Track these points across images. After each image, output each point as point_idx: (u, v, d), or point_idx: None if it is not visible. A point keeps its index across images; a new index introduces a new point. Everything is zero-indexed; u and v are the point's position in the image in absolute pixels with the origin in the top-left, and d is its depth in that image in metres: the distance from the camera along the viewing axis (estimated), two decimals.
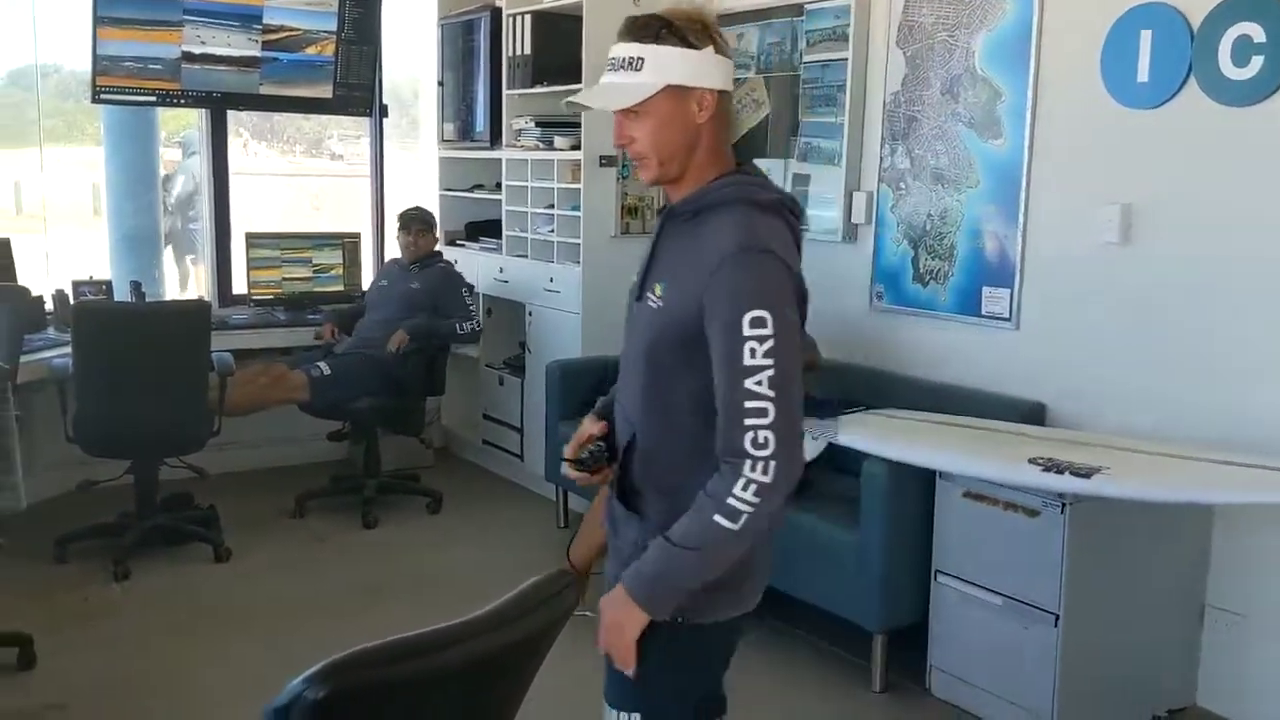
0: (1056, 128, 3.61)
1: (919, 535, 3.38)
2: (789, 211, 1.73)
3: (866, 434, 3.47)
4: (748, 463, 1.56)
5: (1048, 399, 3.69)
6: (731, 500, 1.57)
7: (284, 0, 5.05)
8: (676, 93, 1.65)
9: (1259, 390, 3.14)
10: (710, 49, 1.66)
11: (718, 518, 1.58)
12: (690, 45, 1.65)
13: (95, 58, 4.77)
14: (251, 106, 5.31)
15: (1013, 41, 3.70)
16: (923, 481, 3.36)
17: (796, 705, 3.39)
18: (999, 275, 3.82)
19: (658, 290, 1.70)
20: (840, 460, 3.67)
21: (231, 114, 5.42)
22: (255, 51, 5.05)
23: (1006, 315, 3.80)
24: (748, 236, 1.61)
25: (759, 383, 1.56)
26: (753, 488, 1.57)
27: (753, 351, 1.56)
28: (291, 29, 5.10)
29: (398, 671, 1.18)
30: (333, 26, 5.22)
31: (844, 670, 3.56)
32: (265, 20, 5.04)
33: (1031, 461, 3.04)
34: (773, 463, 1.56)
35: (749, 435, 1.56)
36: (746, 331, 1.56)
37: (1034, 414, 3.68)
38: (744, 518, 1.58)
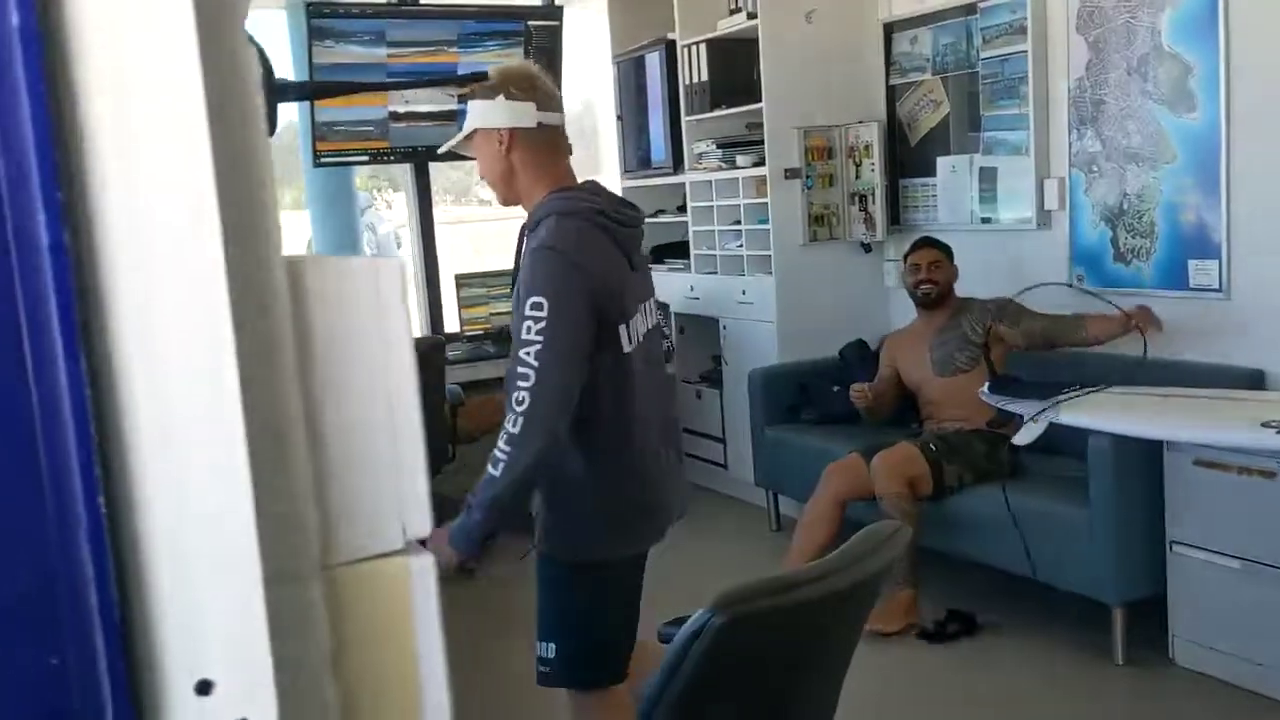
0: (1253, 94, 3.63)
1: (1149, 507, 3.43)
2: (606, 217, 2.14)
3: (1087, 413, 3.54)
4: (510, 417, 1.93)
5: (1267, 364, 3.69)
6: (495, 450, 1.95)
7: (475, 56, 5.42)
8: (483, 134, 2.15)
9: None
10: (500, 97, 2.13)
11: (488, 465, 1.97)
12: (486, 97, 2.15)
13: (314, 125, 5.21)
14: (453, 158, 5.69)
15: (1200, 16, 3.74)
16: (1148, 454, 3.42)
17: (1042, 681, 3.47)
18: (1204, 247, 3.84)
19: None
20: (1056, 443, 3.75)
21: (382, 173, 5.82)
22: (452, 105, 5.43)
23: (1216, 286, 3.82)
24: (544, 239, 2.06)
25: (528, 354, 1.93)
26: (505, 438, 1.94)
27: (528, 329, 1.95)
28: None
29: (777, 601, 1.38)
30: None
31: (1084, 646, 3.62)
32: (460, 75, 5.41)
33: (1265, 425, 3.08)
34: (522, 419, 1.91)
35: (514, 395, 1.94)
36: (526, 312, 1.97)
37: (1253, 380, 3.69)
38: (500, 464, 1.94)
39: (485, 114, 2.14)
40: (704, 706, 1.41)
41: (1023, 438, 3.75)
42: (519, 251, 2.20)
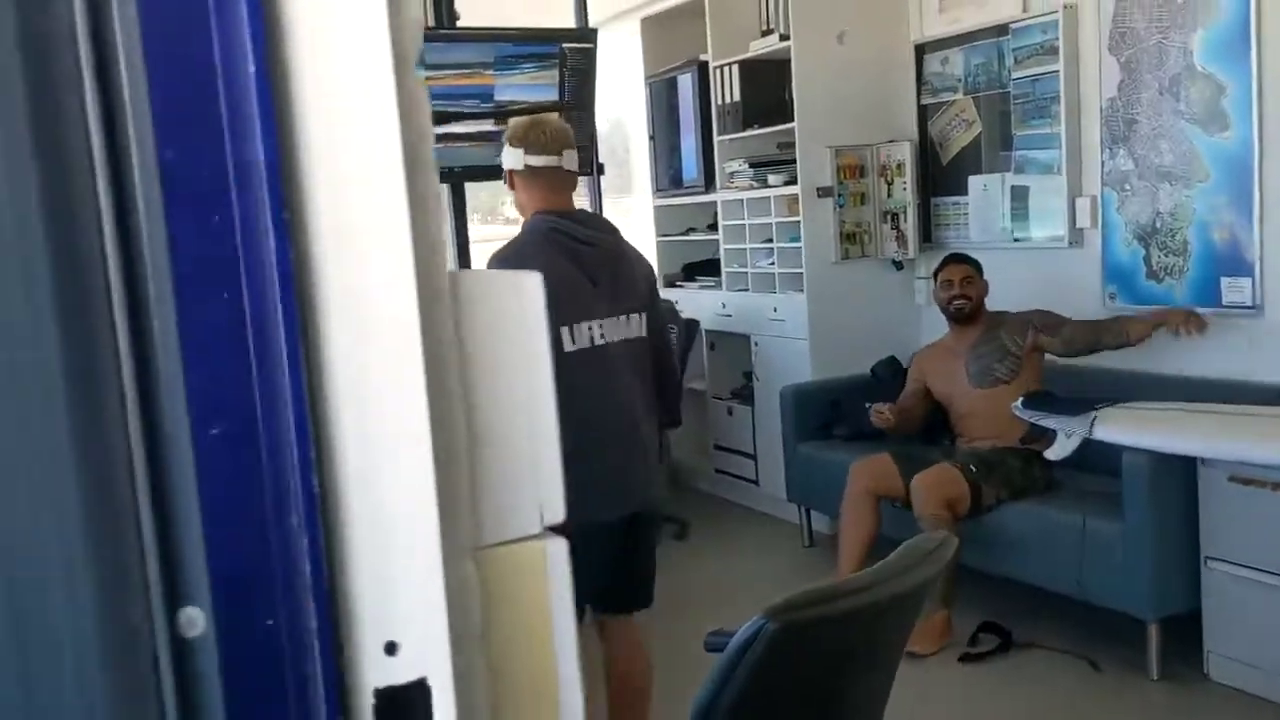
0: None
1: (1184, 523, 3.45)
2: (563, 235, 2.57)
3: (1121, 428, 3.57)
4: None
5: None
6: None
7: (511, 79, 5.51)
8: (508, 171, 2.69)
9: None
10: (508, 145, 2.67)
11: None
12: (504, 144, 2.71)
13: None
14: (490, 178, 5.78)
15: (1232, 36, 3.78)
16: (1182, 470, 3.44)
17: (1077, 696, 3.49)
18: (1238, 265, 3.86)
19: None
20: (1089, 460, 3.78)
21: None
22: (489, 127, 5.51)
23: (1249, 303, 3.84)
24: (501, 251, 2.59)
25: None
26: None
27: None
28: (520, 103, 5.56)
29: (829, 609, 1.42)
30: (555, 96, 5.65)
31: (1120, 661, 3.63)
32: (496, 98, 5.51)
33: None
34: None
35: None
36: None
37: None
38: None
39: (501, 156, 2.72)
40: (757, 713, 1.45)
41: (1056, 452, 3.79)
42: None
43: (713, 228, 5.78)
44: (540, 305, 0.53)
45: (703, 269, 5.97)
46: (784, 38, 5.02)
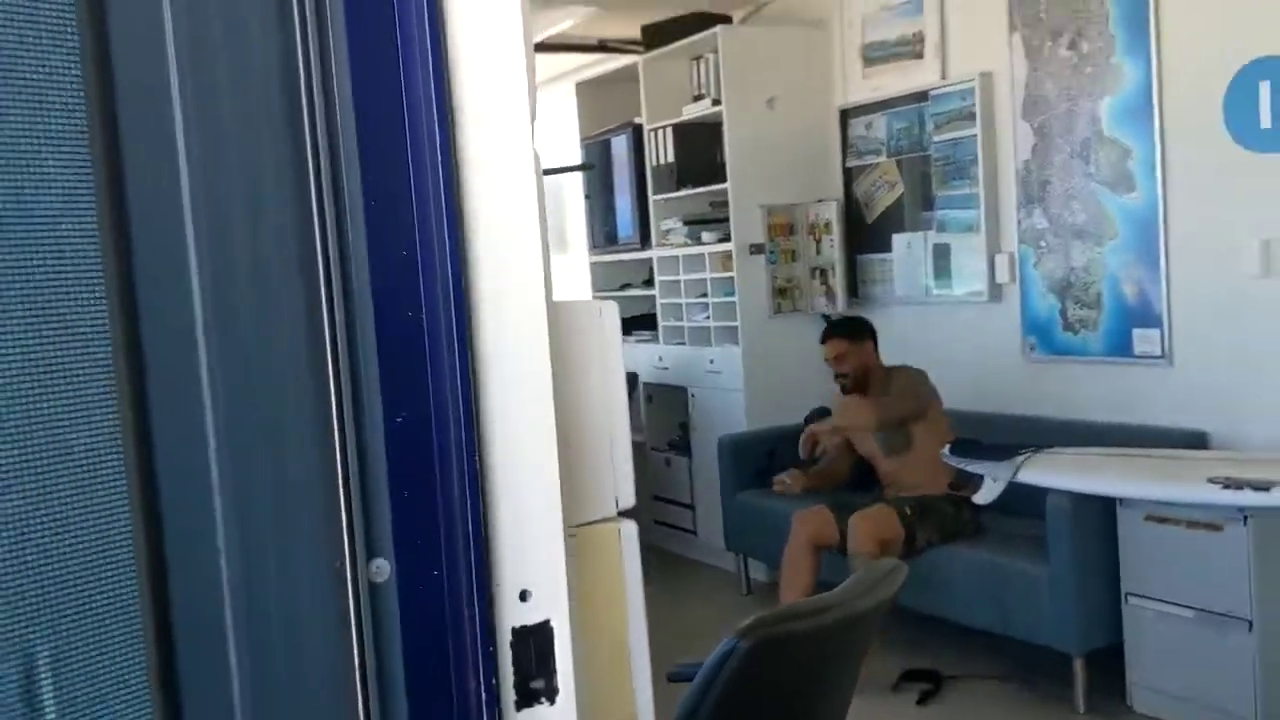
0: (1188, 176, 3.94)
1: (1105, 561, 3.64)
2: None
3: (1044, 472, 3.76)
4: None
5: (1208, 426, 3.95)
6: None
7: None
8: None
9: None
10: None
11: None
12: None
13: None
14: None
15: (1136, 104, 4.07)
16: (1102, 511, 3.64)
17: None
18: (1147, 317, 4.12)
19: None
20: (1014, 504, 3.97)
21: None
22: None
23: (1159, 353, 4.09)
24: None
25: None
26: None
27: None
28: None
29: (797, 626, 1.54)
30: None
31: (1047, 695, 3.79)
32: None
33: (1211, 481, 3.31)
34: None
35: None
36: None
37: (1195, 441, 3.94)
38: None
39: None
40: None
41: (984, 497, 3.97)
42: None
43: (649, 283, 5.94)
44: (616, 328, 0.65)
45: (640, 323, 6.12)
46: (716, 102, 5.24)
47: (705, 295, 5.52)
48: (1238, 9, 3.73)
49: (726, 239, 5.29)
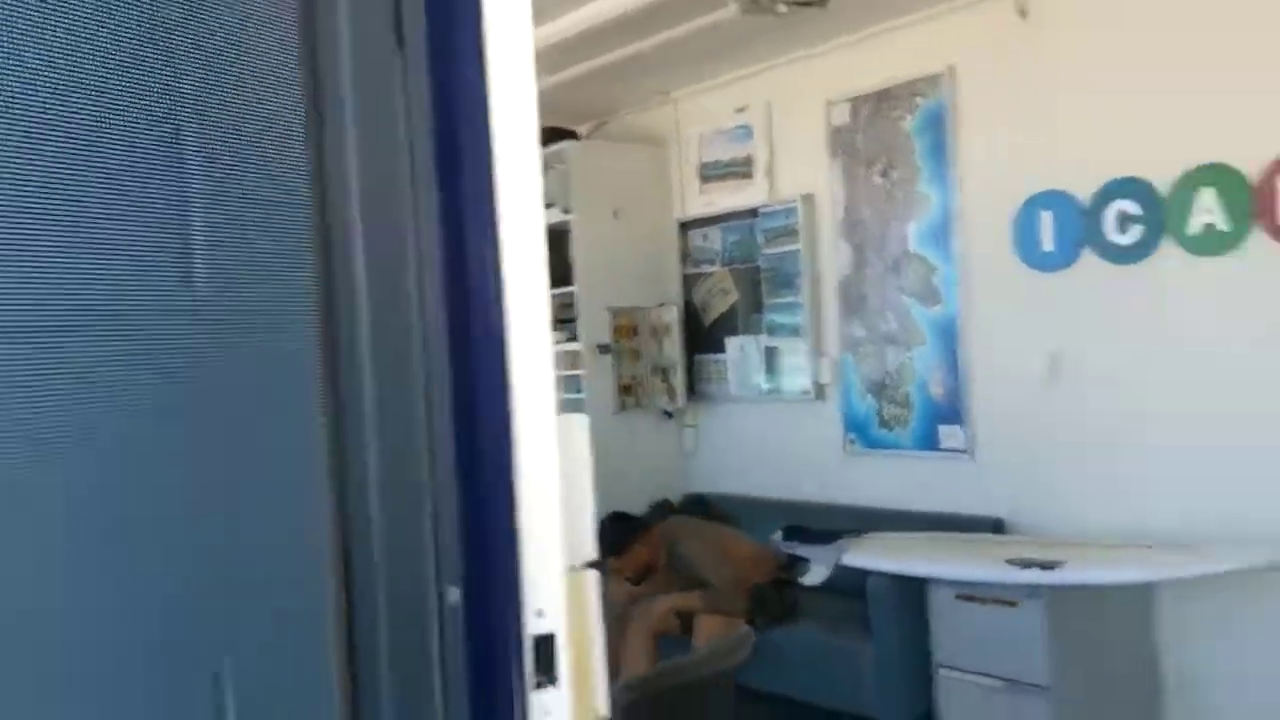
0: (984, 291, 4.49)
1: (920, 635, 4.03)
2: None
3: (865, 555, 4.15)
4: None
5: (1004, 514, 4.43)
6: None
7: None
8: None
9: (1163, 498, 3.94)
10: None
11: None
12: None
13: None
14: None
15: (938, 226, 4.61)
16: (918, 589, 4.04)
17: None
18: (951, 415, 4.61)
19: None
20: (838, 584, 4.35)
21: None
22: None
23: (962, 448, 4.58)
24: None
25: None
26: None
27: None
28: None
29: (675, 679, 1.80)
30: None
31: None
32: None
33: (1009, 562, 3.76)
34: None
35: None
36: None
37: (995, 526, 4.42)
38: None
39: None
40: None
41: (813, 579, 4.33)
42: None
43: None
44: (586, 435, 0.92)
45: None
46: (566, 211, 5.58)
47: None
48: (1023, 149, 4.31)
49: (574, 339, 5.59)
